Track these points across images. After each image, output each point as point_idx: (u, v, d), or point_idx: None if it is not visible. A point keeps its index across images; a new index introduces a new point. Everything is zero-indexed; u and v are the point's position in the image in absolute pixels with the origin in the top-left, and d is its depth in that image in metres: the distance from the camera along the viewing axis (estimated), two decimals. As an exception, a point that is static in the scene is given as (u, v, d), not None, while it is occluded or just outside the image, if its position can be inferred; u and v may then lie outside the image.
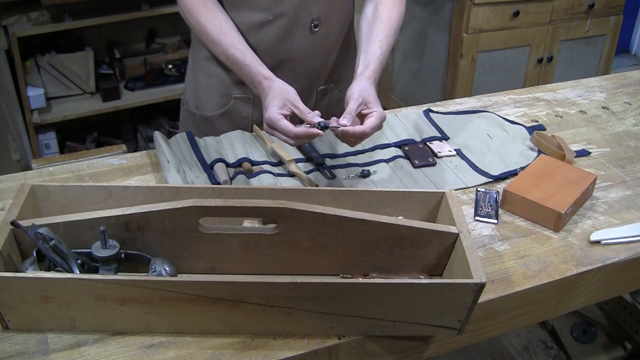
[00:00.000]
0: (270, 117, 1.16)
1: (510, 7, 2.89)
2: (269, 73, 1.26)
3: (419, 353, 1.03)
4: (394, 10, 1.37)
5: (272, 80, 1.24)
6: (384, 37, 1.33)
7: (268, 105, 1.19)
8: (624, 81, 1.78)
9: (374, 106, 1.20)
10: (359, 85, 1.23)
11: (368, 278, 1.02)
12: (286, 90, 1.21)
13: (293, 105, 1.18)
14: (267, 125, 1.18)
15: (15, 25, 2.60)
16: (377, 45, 1.32)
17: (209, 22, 1.31)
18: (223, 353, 0.92)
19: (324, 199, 1.06)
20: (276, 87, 1.22)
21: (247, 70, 1.28)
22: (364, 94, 1.21)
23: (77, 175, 1.30)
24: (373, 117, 1.19)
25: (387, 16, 1.36)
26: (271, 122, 1.17)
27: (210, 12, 1.32)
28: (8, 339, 0.93)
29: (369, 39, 1.34)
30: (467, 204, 1.26)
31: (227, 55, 1.31)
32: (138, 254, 1.00)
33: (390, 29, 1.35)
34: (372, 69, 1.28)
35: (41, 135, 2.85)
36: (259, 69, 1.27)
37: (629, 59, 4.40)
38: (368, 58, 1.30)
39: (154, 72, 3.01)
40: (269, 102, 1.19)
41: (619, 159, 1.43)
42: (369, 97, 1.21)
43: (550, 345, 1.88)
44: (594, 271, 1.12)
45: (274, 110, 1.17)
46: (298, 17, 1.36)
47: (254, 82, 1.27)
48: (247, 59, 1.28)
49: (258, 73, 1.26)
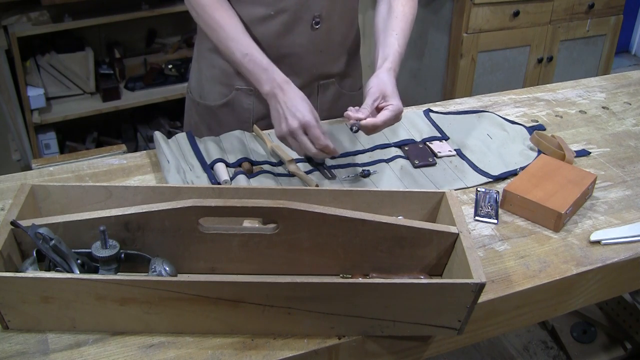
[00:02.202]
0: (308, 120, 1.19)
1: (510, 7, 2.90)
2: (286, 78, 1.28)
3: (419, 353, 1.03)
4: (408, 6, 1.41)
5: (292, 85, 1.27)
6: (400, 30, 1.37)
7: (299, 108, 1.21)
8: (624, 81, 1.78)
9: (391, 99, 1.24)
10: (377, 78, 1.27)
11: (368, 278, 1.02)
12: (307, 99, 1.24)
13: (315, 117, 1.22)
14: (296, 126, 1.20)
15: (15, 25, 2.60)
16: (394, 38, 1.35)
17: (224, 20, 1.33)
18: (223, 353, 0.92)
19: (324, 199, 1.06)
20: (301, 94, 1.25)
21: (267, 70, 1.29)
22: (381, 87, 1.25)
23: (77, 175, 1.30)
24: (388, 110, 1.23)
25: (402, 11, 1.40)
26: (307, 126, 1.20)
27: (226, 10, 1.34)
28: (8, 339, 0.93)
29: (386, 33, 1.37)
30: (467, 204, 1.26)
31: (243, 53, 1.31)
32: (138, 254, 1.00)
33: (406, 23, 1.39)
34: (390, 60, 1.31)
35: (41, 135, 2.85)
36: (279, 72, 1.29)
37: (629, 59, 4.40)
38: (386, 51, 1.33)
39: (154, 72, 3.01)
40: (298, 105, 1.21)
41: (619, 159, 1.43)
42: (387, 90, 1.25)
43: (550, 345, 1.88)
44: (594, 271, 1.12)
45: (310, 115, 1.20)
46: (300, 13, 1.37)
47: (275, 84, 1.27)
48: (266, 60, 1.30)
49: (281, 75, 1.28)
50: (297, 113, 1.21)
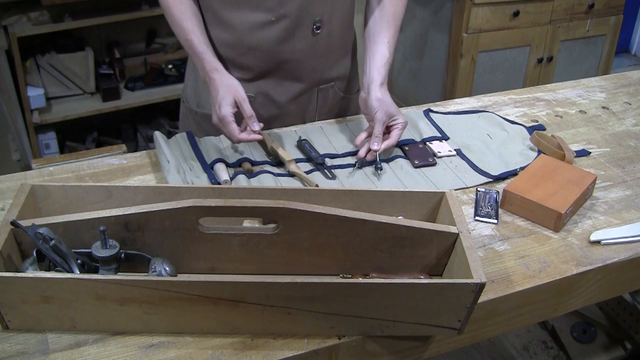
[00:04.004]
0: (224, 115, 1.26)
1: (510, 7, 2.90)
2: (219, 65, 1.32)
3: (419, 353, 1.03)
4: (399, 6, 1.42)
5: (222, 75, 1.31)
6: (390, 36, 1.40)
7: (220, 102, 1.27)
8: (624, 81, 1.78)
9: (397, 116, 1.35)
10: (379, 101, 1.34)
11: (368, 278, 1.02)
12: (235, 87, 1.29)
13: (240, 104, 1.26)
14: (217, 120, 1.28)
15: (15, 25, 2.60)
16: (385, 47, 1.39)
17: (175, 7, 1.35)
18: (223, 353, 0.92)
19: (324, 199, 1.06)
20: (227, 82, 1.29)
21: (200, 58, 1.33)
22: (385, 109, 1.33)
23: (77, 175, 1.30)
24: (397, 128, 1.35)
25: (393, 13, 1.41)
26: (223, 121, 1.26)
27: None
28: (8, 339, 0.93)
29: (377, 41, 1.40)
30: (467, 204, 1.26)
31: (185, 39, 1.35)
32: (138, 254, 1.00)
33: (396, 27, 1.42)
34: (383, 74, 1.37)
35: (41, 135, 2.85)
36: (211, 60, 1.32)
37: (629, 59, 4.40)
38: (378, 62, 1.37)
39: (154, 72, 3.01)
40: (221, 99, 1.27)
41: (619, 159, 1.43)
42: (391, 110, 1.34)
43: (550, 345, 1.88)
44: (594, 271, 1.12)
45: (228, 109, 1.26)
46: (300, 18, 1.36)
47: (205, 71, 1.33)
48: (202, 47, 1.33)
49: (210, 63, 1.32)
50: (217, 107, 1.27)
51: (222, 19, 1.37)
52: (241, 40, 1.38)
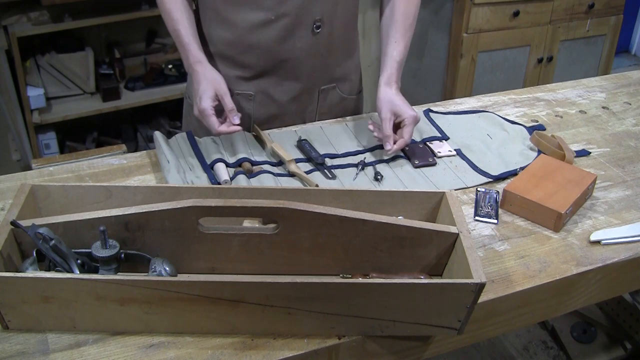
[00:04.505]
0: (204, 108, 1.27)
1: (510, 7, 2.89)
2: (202, 57, 1.34)
3: (419, 353, 1.03)
4: (411, 5, 1.43)
5: (205, 67, 1.33)
6: (399, 36, 1.42)
7: (202, 95, 1.28)
8: (624, 81, 1.78)
9: (404, 112, 1.34)
10: (385, 100, 1.35)
11: (368, 278, 1.02)
12: (217, 80, 1.31)
13: (221, 97, 1.29)
14: (197, 112, 1.29)
15: (15, 25, 2.60)
16: (393, 46, 1.41)
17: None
18: (223, 353, 0.92)
19: (324, 199, 1.06)
20: (209, 75, 1.31)
21: (185, 49, 1.35)
22: (391, 107, 1.34)
23: (77, 175, 1.30)
24: (407, 125, 1.33)
25: (403, 12, 1.43)
26: (203, 113, 1.28)
27: None
28: (8, 339, 0.93)
29: (387, 41, 1.42)
30: (467, 204, 1.26)
31: (173, 29, 1.37)
32: (138, 254, 1.00)
33: (406, 25, 1.43)
34: (388, 73, 1.38)
35: (41, 135, 2.85)
36: (196, 52, 1.34)
37: (629, 59, 4.40)
38: (387, 62, 1.40)
39: (154, 72, 3.01)
40: (202, 92, 1.29)
41: (619, 159, 1.43)
42: (397, 108, 1.34)
43: (550, 345, 1.88)
44: (594, 271, 1.12)
45: (208, 102, 1.28)
46: (300, 17, 1.36)
47: (189, 63, 1.35)
48: (188, 38, 1.35)
49: (195, 55, 1.34)
50: (197, 99, 1.29)
51: (223, 17, 1.38)
52: (241, 38, 1.39)
